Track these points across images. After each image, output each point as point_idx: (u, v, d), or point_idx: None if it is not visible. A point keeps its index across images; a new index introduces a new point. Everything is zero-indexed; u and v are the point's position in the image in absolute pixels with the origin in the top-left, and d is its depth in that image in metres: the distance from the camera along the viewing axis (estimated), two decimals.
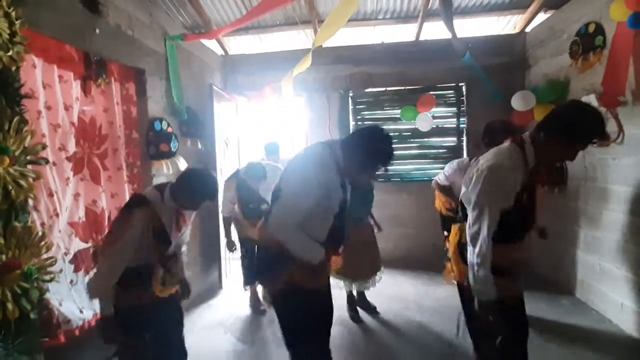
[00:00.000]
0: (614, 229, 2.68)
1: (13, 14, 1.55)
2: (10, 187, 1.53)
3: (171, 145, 2.88)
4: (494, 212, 1.39)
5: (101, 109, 2.45)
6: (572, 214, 3.13)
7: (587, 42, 2.87)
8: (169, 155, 2.89)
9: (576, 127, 1.31)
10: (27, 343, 1.61)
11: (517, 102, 3.49)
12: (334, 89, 4.33)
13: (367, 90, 4.36)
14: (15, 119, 1.57)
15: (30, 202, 1.70)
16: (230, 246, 3.16)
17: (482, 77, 3.72)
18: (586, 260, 2.99)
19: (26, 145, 1.63)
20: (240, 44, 4.50)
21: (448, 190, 2.76)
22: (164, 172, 2.88)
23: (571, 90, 3.15)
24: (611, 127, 2.64)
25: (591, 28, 2.84)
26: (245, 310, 3.18)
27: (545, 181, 3.25)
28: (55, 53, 2.04)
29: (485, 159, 1.47)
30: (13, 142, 1.55)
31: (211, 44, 4.18)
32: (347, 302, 2.99)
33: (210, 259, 3.72)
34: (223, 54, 4.50)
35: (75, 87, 2.21)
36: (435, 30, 4.07)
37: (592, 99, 2.73)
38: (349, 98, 4.38)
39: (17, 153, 1.58)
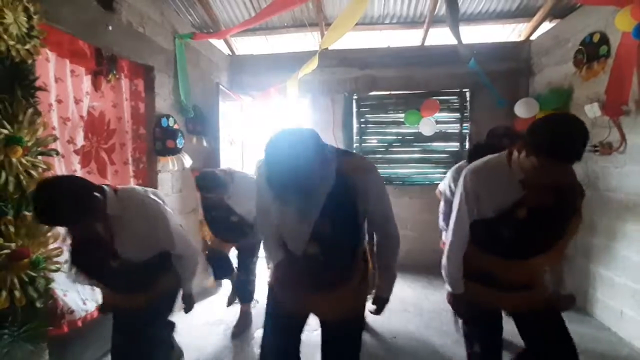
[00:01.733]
0: (614, 236, 2.70)
1: (32, 8, 1.59)
2: (22, 177, 1.56)
3: (177, 142, 2.91)
4: (462, 212, 1.44)
5: (110, 104, 2.48)
6: None
7: (592, 51, 2.90)
8: (175, 151, 2.92)
9: (529, 136, 1.22)
10: (33, 331, 1.64)
11: (521, 109, 3.52)
12: (339, 91, 4.37)
13: (371, 93, 4.39)
14: (30, 110, 1.61)
15: None
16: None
17: (486, 84, 3.75)
18: (586, 268, 3.00)
19: (38, 136, 1.67)
20: (247, 45, 4.54)
21: None
22: (170, 168, 2.92)
23: (575, 98, 3.17)
24: (614, 135, 2.68)
25: (596, 37, 2.86)
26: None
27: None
28: (68, 48, 2.08)
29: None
30: (27, 133, 1.59)
31: (219, 43, 4.23)
32: None
33: None
34: (230, 54, 4.54)
35: (86, 81, 2.25)
36: (440, 36, 4.10)
37: (595, 108, 2.76)
38: (354, 101, 4.41)
39: (29, 144, 1.61)
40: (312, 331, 1.66)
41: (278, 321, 1.45)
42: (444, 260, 1.53)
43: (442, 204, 2.77)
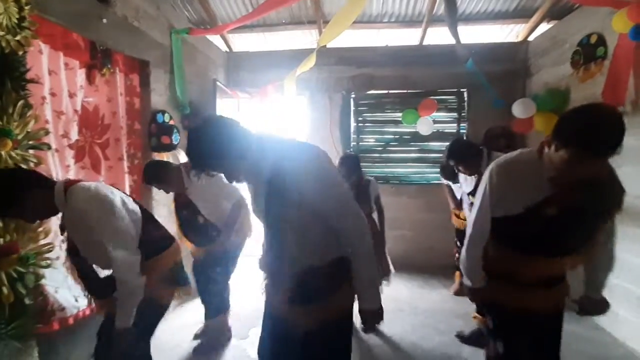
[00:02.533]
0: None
1: None
2: None
3: (173, 138, 2.88)
4: (484, 206, 1.37)
5: (105, 99, 2.45)
6: None
7: (589, 52, 2.90)
8: (170, 148, 2.89)
9: (559, 127, 1.14)
10: (21, 328, 1.61)
11: (518, 109, 3.52)
12: (336, 90, 4.35)
13: (369, 92, 4.38)
14: (20, 103, 1.58)
15: None
16: None
17: (484, 84, 3.75)
18: (581, 269, 3.00)
19: (29, 129, 1.63)
20: (245, 42, 4.51)
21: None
22: None
23: (571, 99, 3.18)
24: None
25: (593, 39, 2.87)
26: (241, 304, 3.12)
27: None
28: (61, 40, 2.04)
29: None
30: (17, 126, 1.56)
31: (215, 40, 4.19)
32: None
33: None
34: (227, 50, 4.51)
35: (80, 75, 2.21)
36: (439, 36, 4.10)
37: None
38: (351, 99, 4.39)
39: (19, 137, 1.58)
40: None
41: (272, 321, 1.35)
42: (463, 254, 1.46)
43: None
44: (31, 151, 1.66)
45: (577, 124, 1.09)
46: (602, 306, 1.51)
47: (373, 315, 1.23)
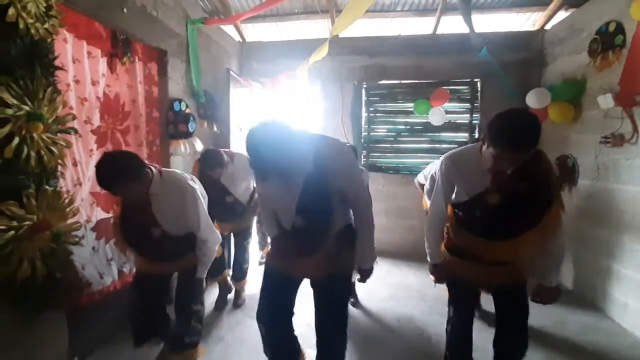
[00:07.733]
0: (622, 229, 2.69)
1: None
2: (43, 153, 1.62)
3: (189, 125, 2.96)
4: (438, 194, 1.65)
5: (125, 87, 2.53)
6: (580, 214, 3.14)
7: (607, 40, 2.85)
8: (187, 135, 2.97)
9: (486, 128, 1.37)
10: (52, 302, 1.71)
11: (532, 99, 3.48)
12: (349, 79, 4.36)
13: (381, 82, 4.38)
14: (49, 88, 1.66)
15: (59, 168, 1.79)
16: None
17: (498, 73, 3.71)
18: (592, 260, 3.00)
19: (58, 114, 1.72)
20: (258, 31, 4.54)
21: None
22: (182, 151, 2.97)
23: (588, 89, 3.13)
24: (626, 127, 2.65)
25: (612, 27, 2.82)
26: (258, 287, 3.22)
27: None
28: (85, 29, 2.12)
29: None
30: (47, 111, 1.64)
31: (229, 30, 4.24)
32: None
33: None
34: (240, 40, 4.55)
35: (102, 63, 2.29)
36: (453, 24, 4.06)
37: (608, 98, 2.73)
38: (363, 89, 4.40)
39: (49, 121, 1.67)
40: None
41: (273, 280, 1.64)
42: (425, 234, 1.76)
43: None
44: (59, 135, 1.75)
45: (494, 125, 1.32)
46: (554, 294, 1.61)
47: (366, 273, 1.66)
